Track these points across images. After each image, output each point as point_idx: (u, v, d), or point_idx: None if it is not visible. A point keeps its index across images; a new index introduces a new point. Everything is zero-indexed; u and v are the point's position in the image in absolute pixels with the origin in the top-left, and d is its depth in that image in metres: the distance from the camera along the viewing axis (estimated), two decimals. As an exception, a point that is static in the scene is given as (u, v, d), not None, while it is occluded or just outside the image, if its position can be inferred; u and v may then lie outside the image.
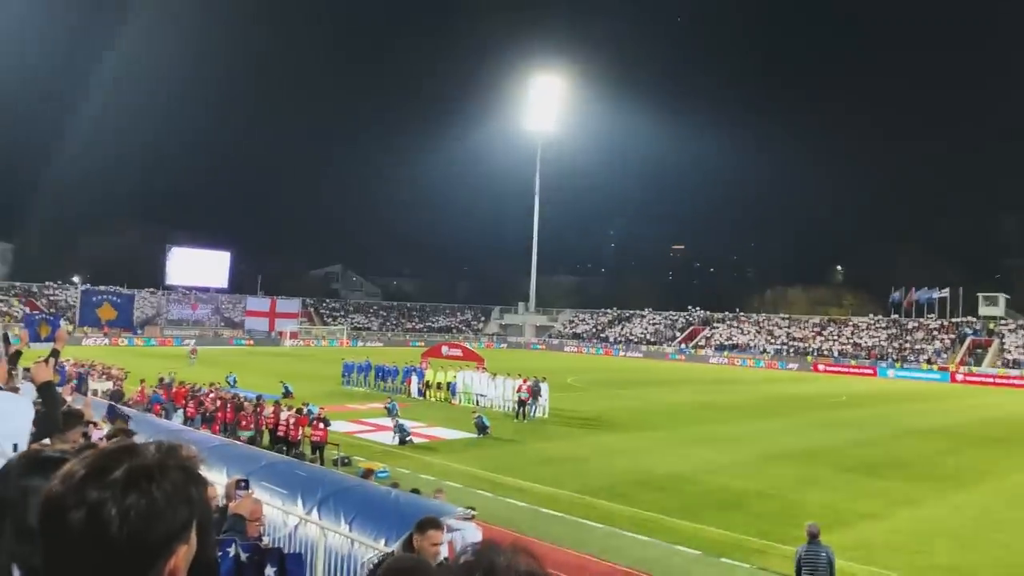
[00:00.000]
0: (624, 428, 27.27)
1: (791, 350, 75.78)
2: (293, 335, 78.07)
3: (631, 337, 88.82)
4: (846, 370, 67.91)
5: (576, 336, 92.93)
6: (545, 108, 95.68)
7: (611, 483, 18.42)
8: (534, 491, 17.39)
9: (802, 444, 25.31)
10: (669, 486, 18.41)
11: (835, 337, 76.90)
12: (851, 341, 74.98)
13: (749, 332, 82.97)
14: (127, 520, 1.06)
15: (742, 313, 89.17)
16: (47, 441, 4.83)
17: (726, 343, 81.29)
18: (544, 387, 29.85)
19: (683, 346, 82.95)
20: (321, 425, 20.09)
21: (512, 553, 1.06)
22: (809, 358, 72.56)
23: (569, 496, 16.99)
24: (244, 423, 21.74)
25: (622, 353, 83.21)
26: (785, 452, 23.65)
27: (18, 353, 7.59)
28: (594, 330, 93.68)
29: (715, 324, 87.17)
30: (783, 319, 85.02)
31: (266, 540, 6.35)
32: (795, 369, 69.73)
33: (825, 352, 73.60)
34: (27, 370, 6.70)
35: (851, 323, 79.41)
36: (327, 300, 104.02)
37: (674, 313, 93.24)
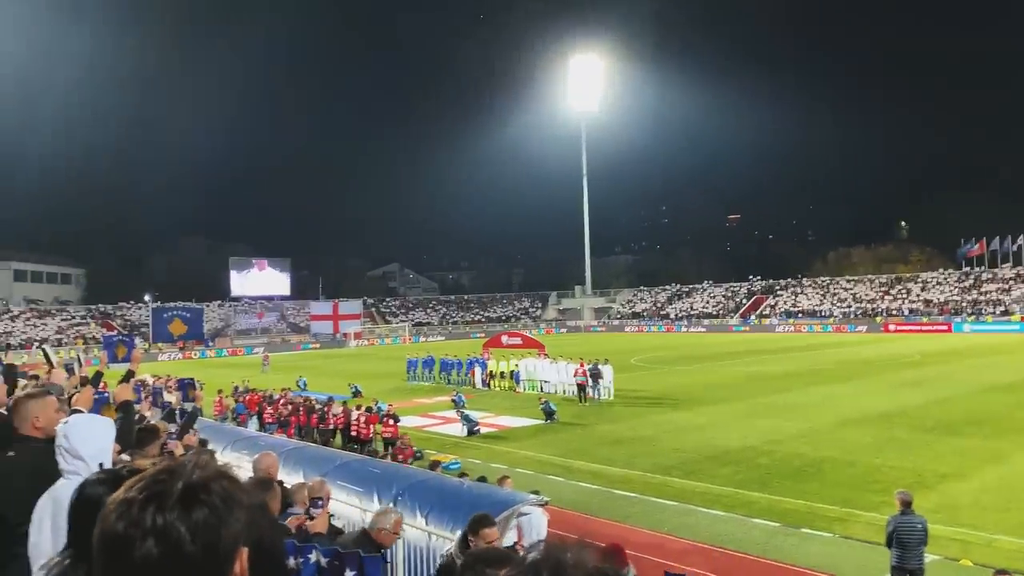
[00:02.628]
0: (692, 404, 26.99)
1: (859, 312, 73.78)
2: (357, 335, 79.45)
3: (692, 312, 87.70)
4: (918, 328, 65.78)
5: (636, 315, 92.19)
6: (587, 88, 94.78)
7: (683, 460, 18.29)
8: (605, 473, 17.39)
9: (877, 407, 24.66)
10: (742, 459, 18.17)
11: (904, 295, 74.52)
12: (921, 298, 72.56)
13: (814, 297, 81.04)
14: (198, 535, 1.09)
15: (805, 278, 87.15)
16: (126, 457, 5.06)
17: (791, 310, 79.58)
18: (607, 369, 29.73)
19: (747, 317, 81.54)
20: (391, 421, 20.49)
21: (579, 550, 1.04)
22: (878, 319, 70.54)
23: (641, 476, 16.93)
24: (324, 424, 22.24)
25: (684, 329, 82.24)
26: (860, 416, 23.08)
27: (99, 374, 7.96)
28: (654, 308, 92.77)
29: (778, 292, 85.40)
30: (848, 281, 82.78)
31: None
32: (864, 331, 67.85)
33: (895, 311, 71.42)
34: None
35: (920, 279, 76.81)
36: (386, 299, 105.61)
37: (735, 284, 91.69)
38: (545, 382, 32.09)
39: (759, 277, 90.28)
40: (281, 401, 25.25)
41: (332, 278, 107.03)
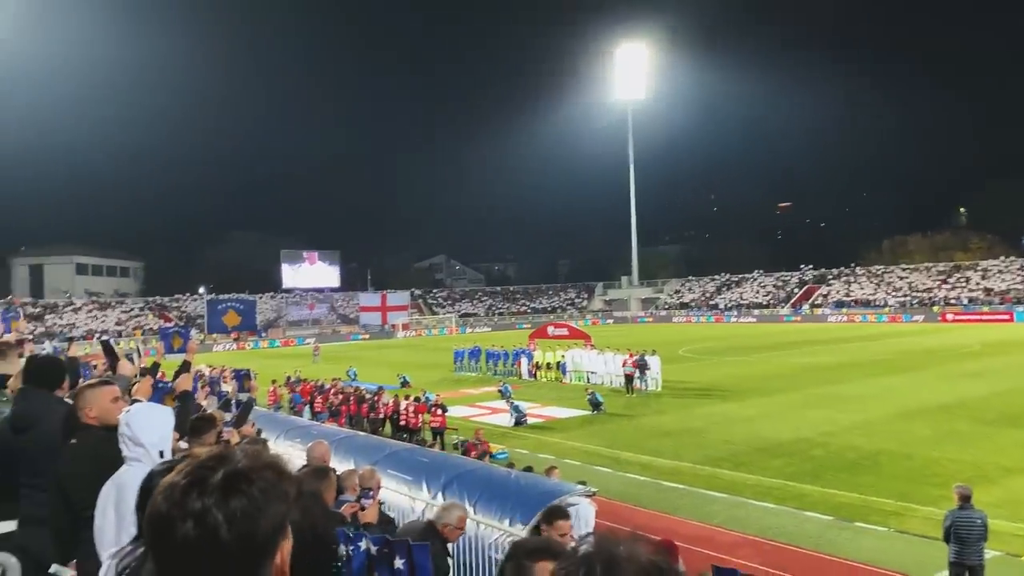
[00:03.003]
0: (741, 395, 26.62)
1: (915, 301, 71.74)
2: (405, 327, 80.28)
3: (742, 302, 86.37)
4: (978, 318, 63.70)
5: (684, 306, 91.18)
6: (633, 76, 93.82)
7: (732, 452, 18.06)
8: (654, 464, 17.28)
9: (935, 398, 23.99)
10: (794, 451, 17.87)
11: (963, 284, 72.19)
12: (981, 287, 70.21)
13: (868, 286, 79.07)
14: (234, 523, 1.11)
15: (859, 267, 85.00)
16: (183, 445, 5.21)
17: (844, 300, 77.80)
18: (655, 360, 29.49)
19: (798, 307, 80.00)
20: (439, 411, 20.68)
21: (632, 542, 1.02)
22: (936, 308, 68.49)
23: (690, 467, 16.78)
24: (374, 413, 22.56)
25: (734, 319, 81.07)
26: (917, 408, 22.49)
27: (156, 364, 8.20)
28: (702, 298, 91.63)
29: (830, 281, 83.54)
30: (904, 269, 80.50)
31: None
32: (921, 321, 66.00)
33: (953, 300, 69.25)
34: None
35: (980, 267, 74.29)
36: (433, 290, 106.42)
37: (786, 273, 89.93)
38: (592, 373, 31.98)
39: (811, 266, 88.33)
40: (332, 391, 25.69)
41: (380, 270, 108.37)
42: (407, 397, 22.74)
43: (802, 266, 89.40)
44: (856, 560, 10.87)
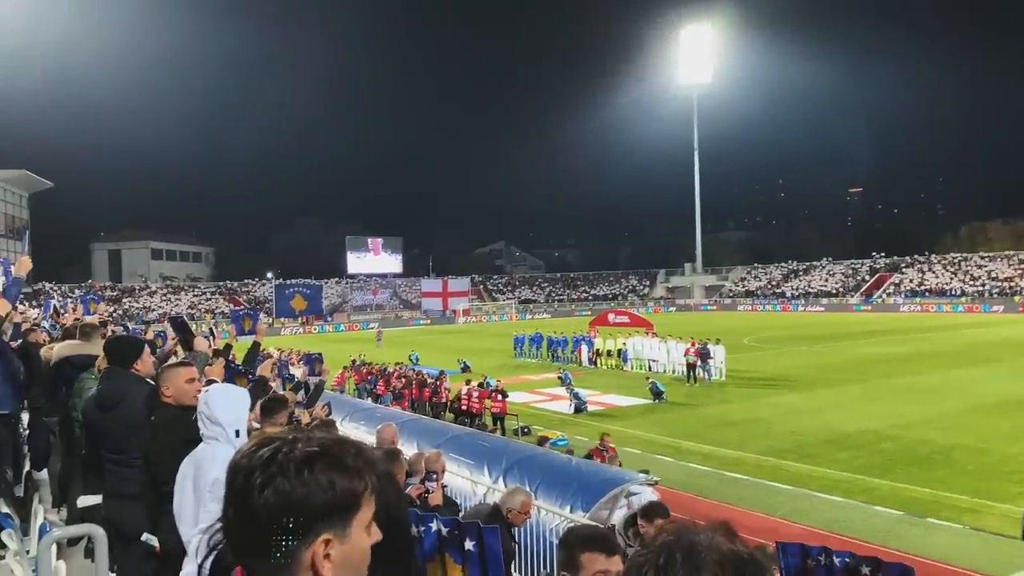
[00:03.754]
0: (808, 386, 26.01)
1: (994, 291, 68.70)
2: (466, 312, 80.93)
3: (810, 290, 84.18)
4: (1064, 309, 60.62)
5: (749, 294, 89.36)
6: (698, 59, 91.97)
7: (798, 443, 17.69)
8: (716, 455, 17.06)
9: (1015, 391, 22.98)
10: (862, 443, 17.40)
11: (1049, 273, 68.81)
12: (1068, 276, 66.80)
13: (943, 275, 76.06)
14: (264, 491, 1.19)
15: (934, 255, 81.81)
16: (256, 424, 5.39)
17: (917, 289, 75.06)
18: (719, 349, 29.04)
19: (869, 295, 77.57)
20: (500, 397, 20.82)
21: (712, 532, 1.01)
22: (1017, 298, 65.43)
23: (754, 458, 16.51)
24: (436, 398, 22.89)
25: (801, 308, 79.08)
26: (995, 401, 21.60)
27: (228, 346, 8.46)
28: (768, 286, 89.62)
29: (903, 269, 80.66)
30: (983, 257, 77.11)
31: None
32: (1000, 311, 63.19)
33: (1036, 290, 66.09)
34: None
35: (1068, 256, 70.69)
36: (493, 276, 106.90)
37: (856, 261, 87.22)
38: (653, 361, 31.70)
39: (883, 254, 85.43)
40: (395, 375, 26.13)
41: (441, 256, 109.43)
42: (468, 382, 22.95)
43: (873, 254, 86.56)
44: (928, 557, 10.54)
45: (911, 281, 77.28)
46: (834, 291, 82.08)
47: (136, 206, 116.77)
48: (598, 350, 34.84)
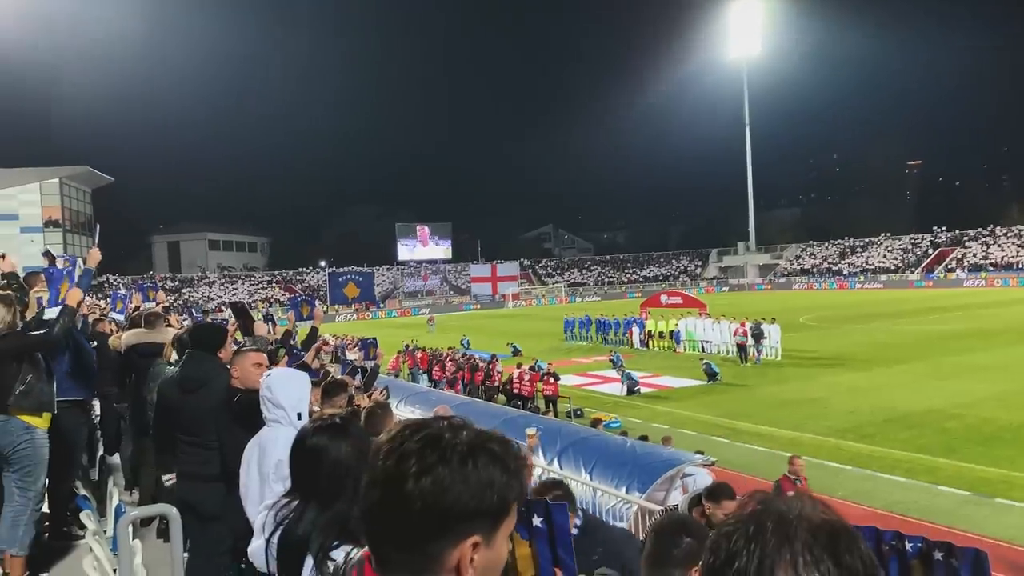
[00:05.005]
0: (867, 364, 25.40)
1: (1065, 264, 65.94)
2: (515, 296, 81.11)
3: (868, 267, 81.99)
4: None
5: (804, 272, 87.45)
6: (747, 32, 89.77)
7: (857, 423, 17.33)
8: (773, 435, 16.83)
9: (1089, 370, 22.10)
10: (925, 422, 16.95)
11: (1125, 244, 65.75)
12: None
13: (1009, 248, 73.21)
14: (421, 479, 1.09)
15: (999, 228, 78.77)
16: (315, 408, 5.52)
17: (981, 263, 72.47)
18: (774, 328, 28.55)
19: (930, 271, 75.22)
20: (552, 380, 20.87)
21: (799, 501, 0.97)
22: (1090, 271, 62.77)
23: (812, 439, 16.25)
24: (489, 381, 23.08)
25: (859, 285, 77.13)
26: (1067, 380, 20.79)
27: (288, 332, 8.67)
28: (825, 264, 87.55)
29: (966, 243, 77.92)
30: (1052, 229, 74.02)
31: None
32: (1073, 285, 60.66)
33: (1112, 262, 63.23)
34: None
35: None
36: (542, 260, 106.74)
37: (916, 236, 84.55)
38: (707, 342, 31.36)
39: (944, 228, 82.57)
40: (447, 359, 26.41)
41: (490, 241, 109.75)
42: (519, 365, 23.06)
43: (935, 228, 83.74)
44: (997, 538, 10.26)
45: (974, 255, 74.64)
46: (893, 267, 79.80)
47: (193, 199, 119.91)
48: (650, 331, 34.61)
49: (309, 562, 2.31)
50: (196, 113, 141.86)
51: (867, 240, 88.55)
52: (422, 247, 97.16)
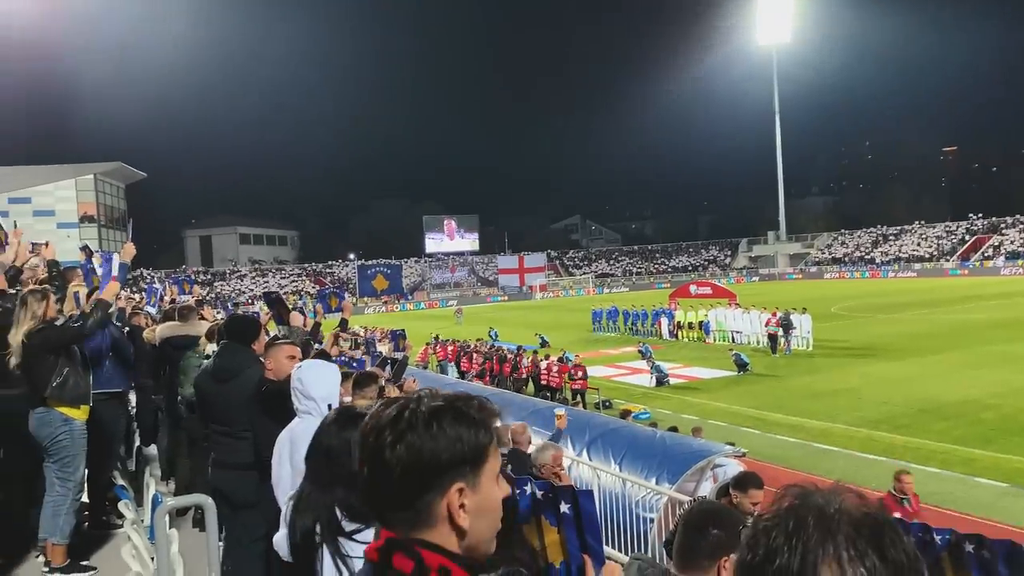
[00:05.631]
0: (900, 355, 24.99)
1: (1108, 251, 64.22)
2: (542, 288, 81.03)
3: (901, 255, 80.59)
4: None
5: (836, 261, 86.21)
6: (776, 18, 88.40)
7: (891, 414, 17.09)
8: (804, 426, 16.67)
9: None
10: (961, 413, 16.66)
11: None
12: None
13: (1050, 235, 71.51)
14: (395, 447, 1.24)
15: (1037, 214, 76.85)
16: (347, 399, 5.58)
17: (1020, 250, 70.85)
18: (805, 318, 28.21)
19: (966, 259, 73.74)
20: (580, 375, 20.80)
21: (838, 495, 0.95)
22: None
23: (844, 430, 16.06)
24: (516, 373, 23.12)
25: (892, 274, 75.86)
26: (1109, 369, 20.30)
27: (318, 324, 8.75)
28: (857, 252, 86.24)
29: (1003, 230, 76.20)
30: (1094, 215, 72.06)
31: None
32: (1116, 272, 59.10)
33: None
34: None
35: None
36: (569, 251, 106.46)
37: (951, 223, 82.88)
38: (737, 333, 31.08)
39: (980, 215, 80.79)
40: (475, 350, 26.51)
41: (517, 232, 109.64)
42: (547, 357, 23.06)
43: (970, 215, 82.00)
44: (1036, 531, 10.07)
45: (1012, 242, 72.99)
46: (927, 256, 78.37)
47: (224, 193, 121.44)
48: (679, 322, 34.38)
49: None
50: (226, 109, 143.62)
51: (900, 228, 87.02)
52: (449, 240, 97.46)
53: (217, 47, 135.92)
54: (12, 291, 6.03)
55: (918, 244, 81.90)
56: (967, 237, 78.32)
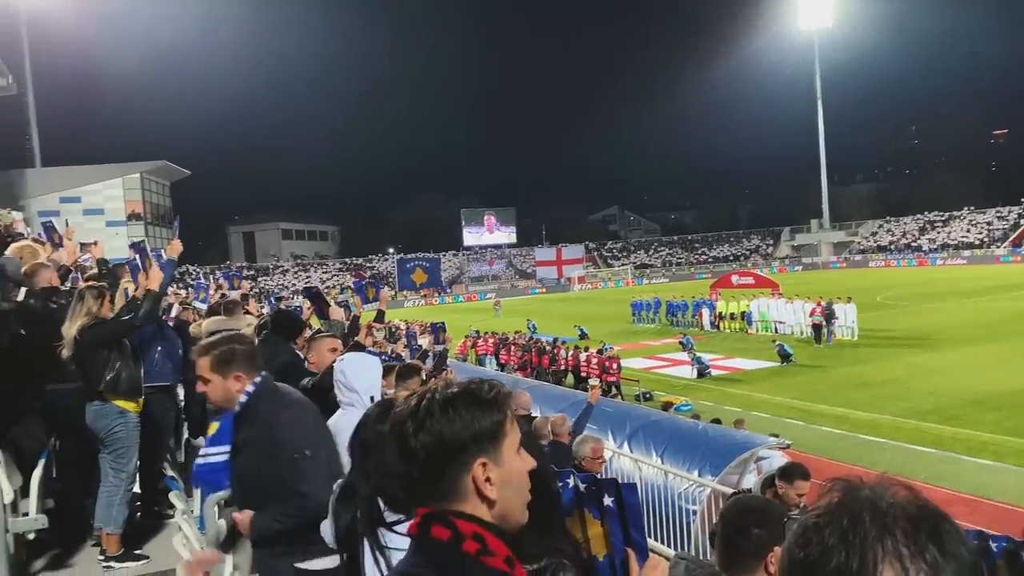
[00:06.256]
0: (949, 344, 24.37)
1: None
2: (581, 279, 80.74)
3: (949, 242, 78.51)
4: None
5: (881, 249, 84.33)
6: (818, 2, 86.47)
7: (939, 405, 16.70)
8: (850, 417, 16.39)
9: None
10: (1014, 403, 16.19)
11: None
12: None
13: (1108, 219, 68.98)
14: (418, 434, 1.34)
15: (1096, 197, 74.18)
16: (390, 391, 5.64)
17: (1076, 236, 68.52)
18: (850, 308, 27.69)
19: (1018, 245, 71.53)
20: (614, 368, 20.72)
21: (885, 487, 0.92)
22: None
23: (891, 421, 15.75)
24: (555, 366, 23.13)
25: (940, 262, 73.95)
26: None
27: (356, 318, 8.83)
28: (903, 240, 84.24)
29: (1059, 215, 73.73)
30: None
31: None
32: None
33: None
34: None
35: None
36: (608, 242, 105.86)
37: (1002, 208, 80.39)
38: (780, 323, 30.62)
39: (1033, 199, 78.25)
40: (514, 343, 26.56)
41: (554, 224, 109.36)
42: (586, 349, 23.00)
43: (1022, 199, 79.49)
44: (1094, 525, 9.75)
45: (1068, 228, 70.65)
46: (977, 242, 76.22)
47: (266, 190, 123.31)
48: (720, 313, 34.00)
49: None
50: (267, 107, 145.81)
51: (949, 214, 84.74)
52: (488, 234, 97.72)
53: (257, 46, 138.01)
54: (64, 288, 6.21)
55: (967, 230, 79.70)
56: (1020, 222, 75.96)
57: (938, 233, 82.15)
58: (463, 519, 1.32)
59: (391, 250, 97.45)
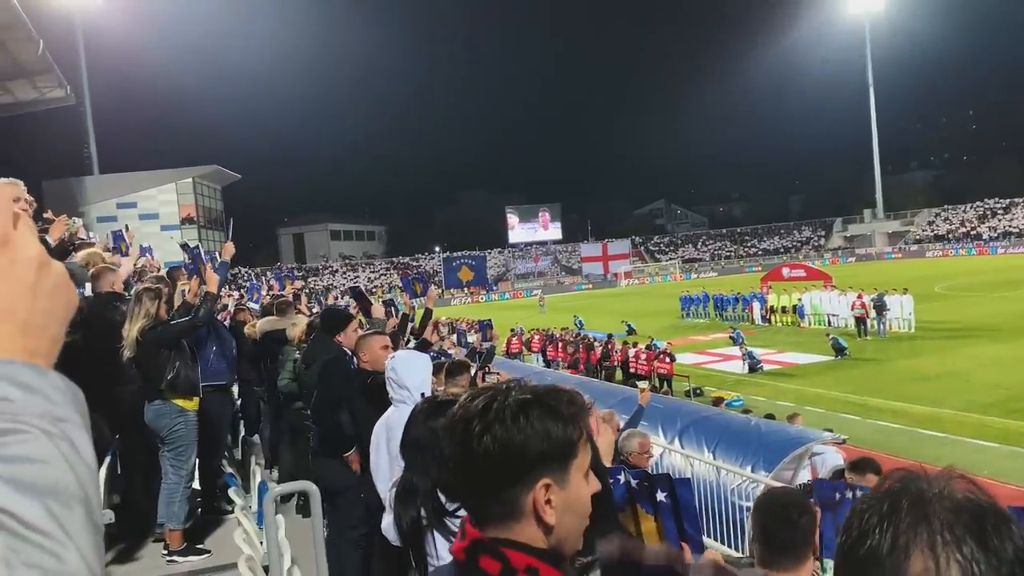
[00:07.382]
0: (1012, 335, 23.49)
1: None
2: (627, 275, 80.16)
3: (1011, 230, 75.73)
4: None
5: (938, 238, 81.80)
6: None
7: (1004, 398, 16.14)
8: (909, 412, 15.95)
9: None
10: (1085, 397, 15.59)
11: None
12: None
13: None
14: (483, 438, 1.23)
15: None
16: (440, 389, 5.69)
17: None
18: (905, 299, 26.93)
19: (1085, 232, 68.68)
20: (667, 360, 20.55)
21: (944, 479, 0.90)
22: None
23: (953, 415, 15.28)
24: (608, 361, 23.04)
25: (1001, 251, 71.39)
26: None
27: (405, 316, 8.91)
28: (961, 228, 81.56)
29: None
30: None
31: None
32: None
33: None
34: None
35: None
36: (654, 237, 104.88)
37: (1070, 193, 77.30)
38: (833, 315, 29.95)
39: (1101, 184, 74.98)
40: (561, 340, 26.52)
41: (599, 219, 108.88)
42: (635, 344, 22.83)
43: (1089, 184, 76.25)
44: None
45: None
46: (1042, 229, 73.40)
47: (314, 191, 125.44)
48: (772, 306, 33.41)
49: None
50: (315, 111, 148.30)
51: (1010, 201, 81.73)
52: (543, 230, 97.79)
53: (305, 50, 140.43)
54: (128, 296, 6.41)
55: (1031, 217, 76.79)
56: (1086, 208, 72.91)
57: (999, 220, 79.33)
58: (515, 549, 1.21)
59: (437, 248, 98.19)
